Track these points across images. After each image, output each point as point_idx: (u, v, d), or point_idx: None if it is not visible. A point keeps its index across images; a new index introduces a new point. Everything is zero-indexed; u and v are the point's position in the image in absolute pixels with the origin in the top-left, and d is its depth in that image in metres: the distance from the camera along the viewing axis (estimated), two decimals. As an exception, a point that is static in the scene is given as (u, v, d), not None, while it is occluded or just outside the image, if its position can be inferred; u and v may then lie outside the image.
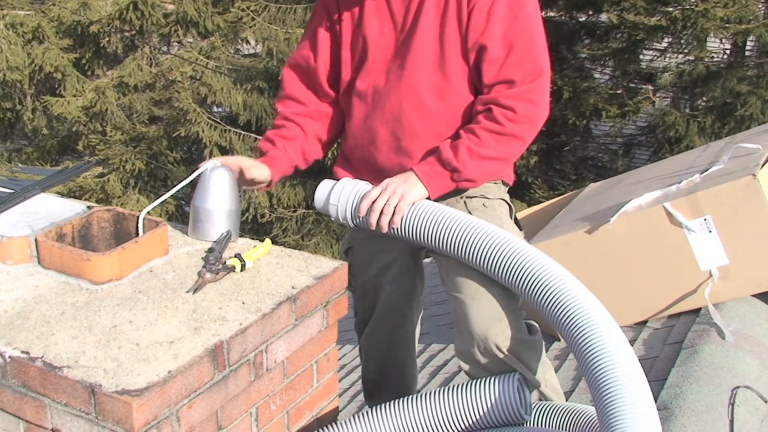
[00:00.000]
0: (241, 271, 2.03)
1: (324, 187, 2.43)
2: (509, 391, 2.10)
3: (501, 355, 2.31)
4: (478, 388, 2.13)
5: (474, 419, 2.10)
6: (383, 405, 2.19)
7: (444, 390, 2.15)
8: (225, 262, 2.02)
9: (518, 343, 2.33)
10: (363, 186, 2.37)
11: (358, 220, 2.36)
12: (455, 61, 2.34)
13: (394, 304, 2.68)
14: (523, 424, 2.14)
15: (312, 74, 2.55)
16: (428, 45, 2.34)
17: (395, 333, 2.74)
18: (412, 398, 2.15)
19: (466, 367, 2.42)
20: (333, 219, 2.41)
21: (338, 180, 2.44)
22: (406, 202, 2.27)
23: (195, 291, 1.93)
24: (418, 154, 2.41)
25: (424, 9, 2.32)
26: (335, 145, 2.73)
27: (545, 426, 2.27)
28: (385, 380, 2.83)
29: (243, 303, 1.90)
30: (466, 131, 2.32)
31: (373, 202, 2.29)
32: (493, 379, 2.16)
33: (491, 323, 2.31)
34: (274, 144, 2.54)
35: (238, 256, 2.05)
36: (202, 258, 2.08)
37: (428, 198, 2.32)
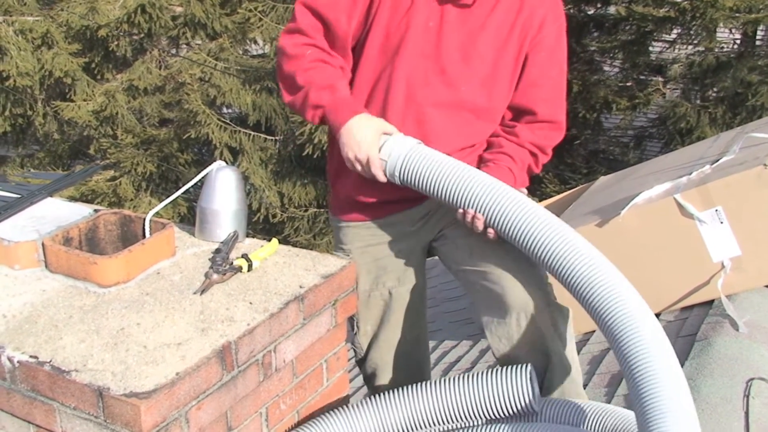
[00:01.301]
0: (248, 271, 2.03)
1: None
2: (520, 382, 2.08)
3: (540, 322, 2.33)
4: (489, 378, 2.11)
5: (484, 409, 2.08)
6: (393, 391, 2.16)
7: (454, 379, 2.13)
8: (232, 263, 2.02)
9: (554, 309, 2.36)
10: (413, 144, 2.26)
11: (403, 179, 2.26)
12: (505, 85, 2.40)
13: (409, 305, 2.65)
14: (533, 416, 2.12)
15: (336, 38, 2.35)
16: (484, 64, 2.36)
17: (410, 333, 2.71)
18: (421, 386, 2.13)
19: (497, 345, 2.42)
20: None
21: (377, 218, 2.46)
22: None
23: (202, 292, 1.92)
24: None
25: (488, 26, 2.32)
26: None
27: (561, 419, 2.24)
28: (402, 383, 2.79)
29: (250, 303, 1.89)
30: (521, 161, 2.44)
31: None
32: (504, 369, 2.14)
33: (530, 290, 2.33)
34: (338, 89, 2.32)
35: (245, 256, 2.04)
36: (209, 259, 2.07)
37: None
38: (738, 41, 9.22)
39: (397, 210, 2.50)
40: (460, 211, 2.24)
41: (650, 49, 9.55)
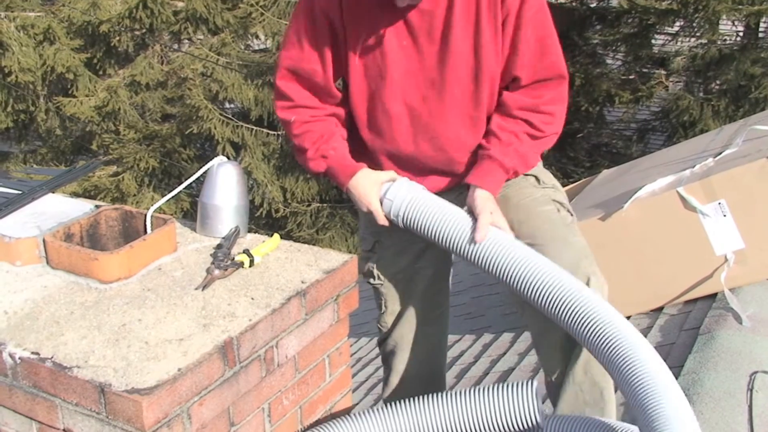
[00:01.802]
0: (250, 266, 2.02)
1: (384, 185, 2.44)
2: (525, 397, 2.07)
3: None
4: (494, 394, 2.10)
5: (488, 425, 2.08)
6: (398, 403, 2.17)
7: (459, 393, 2.12)
8: (233, 258, 2.01)
9: (599, 279, 2.38)
10: (420, 191, 2.38)
11: (405, 222, 2.38)
12: (492, 71, 2.36)
13: (433, 286, 2.69)
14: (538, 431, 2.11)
15: (319, 87, 2.44)
16: (465, 60, 2.33)
17: (433, 312, 2.75)
18: (426, 399, 2.12)
19: (535, 319, 2.44)
20: (385, 213, 2.41)
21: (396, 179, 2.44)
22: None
23: (204, 288, 1.92)
24: (462, 158, 2.46)
25: (454, 24, 2.29)
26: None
27: None
28: (419, 365, 2.81)
29: (252, 299, 1.89)
30: (509, 133, 2.39)
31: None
32: (509, 385, 2.14)
33: (581, 257, 2.37)
34: (327, 156, 2.46)
35: (246, 251, 2.04)
36: (211, 254, 2.07)
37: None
38: (741, 33, 9.19)
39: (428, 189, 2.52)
40: None
41: (653, 41, 9.53)
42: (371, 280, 2.72)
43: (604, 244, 3.27)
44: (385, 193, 2.39)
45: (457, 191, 2.50)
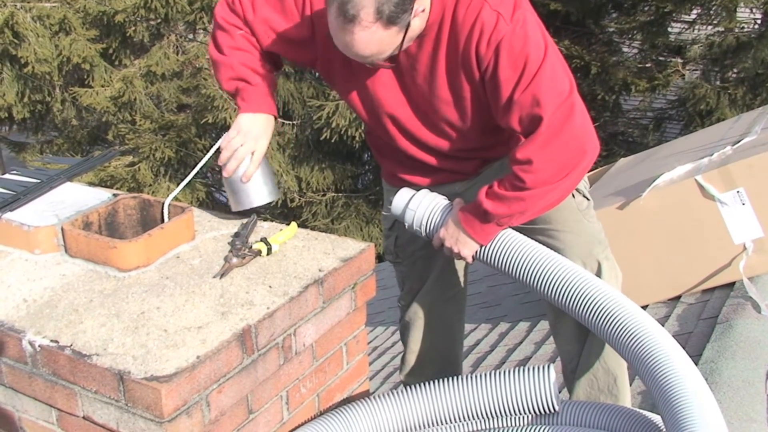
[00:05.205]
0: (268, 254, 2.02)
1: (404, 194, 2.41)
2: (542, 381, 2.06)
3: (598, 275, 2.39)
4: (511, 377, 2.10)
5: (505, 408, 2.08)
6: (415, 386, 2.17)
7: (476, 377, 2.12)
8: (251, 247, 2.02)
9: (612, 265, 2.43)
10: (440, 201, 2.37)
11: (427, 233, 2.39)
12: (467, 104, 2.29)
13: (449, 266, 2.72)
14: (554, 415, 2.10)
15: (263, 53, 2.35)
16: (445, 96, 2.28)
17: (447, 291, 2.78)
18: (443, 382, 2.12)
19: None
20: (407, 225, 2.40)
21: (417, 190, 2.42)
22: (463, 254, 2.33)
23: (222, 276, 1.92)
24: (467, 165, 2.49)
25: (438, 64, 2.22)
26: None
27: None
28: (433, 344, 2.84)
29: (270, 287, 1.89)
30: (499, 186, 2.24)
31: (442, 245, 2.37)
32: (526, 369, 2.13)
33: (593, 243, 2.42)
34: (250, 82, 2.34)
35: (264, 240, 2.04)
36: (229, 243, 2.08)
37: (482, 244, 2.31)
38: (759, 21, 9.11)
39: (442, 181, 2.52)
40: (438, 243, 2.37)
41: (669, 29, 9.45)
42: (391, 259, 2.75)
43: (622, 233, 3.26)
44: (408, 203, 2.37)
45: (472, 181, 2.52)
